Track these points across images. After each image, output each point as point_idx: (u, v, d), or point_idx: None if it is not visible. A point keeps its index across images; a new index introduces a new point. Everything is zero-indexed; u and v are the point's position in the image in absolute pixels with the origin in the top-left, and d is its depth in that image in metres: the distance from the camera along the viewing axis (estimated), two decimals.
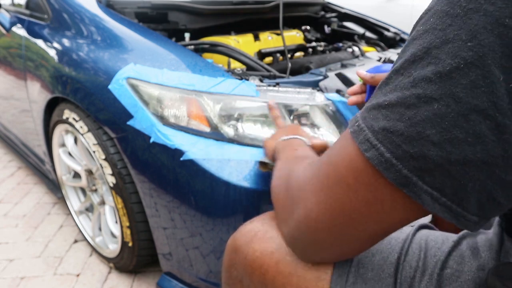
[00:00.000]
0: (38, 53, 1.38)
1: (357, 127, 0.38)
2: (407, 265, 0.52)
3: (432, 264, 0.51)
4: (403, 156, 0.34)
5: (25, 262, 1.42)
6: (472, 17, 0.30)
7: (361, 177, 0.38)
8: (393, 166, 0.34)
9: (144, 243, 1.17)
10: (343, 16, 2.09)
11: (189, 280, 1.08)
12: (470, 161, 0.32)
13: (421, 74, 0.33)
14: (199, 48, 1.34)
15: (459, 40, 0.31)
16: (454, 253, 0.51)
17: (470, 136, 0.31)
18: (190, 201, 0.95)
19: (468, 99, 0.31)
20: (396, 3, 3.90)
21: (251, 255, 0.58)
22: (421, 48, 0.34)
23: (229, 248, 0.64)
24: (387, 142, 0.35)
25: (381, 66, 0.82)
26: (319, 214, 0.43)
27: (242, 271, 0.60)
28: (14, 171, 2.11)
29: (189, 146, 0.94)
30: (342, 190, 0.40)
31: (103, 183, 1.28)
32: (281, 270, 0.55)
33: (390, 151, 0.34)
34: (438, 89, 0.32)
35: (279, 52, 1.56)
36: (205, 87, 0.99)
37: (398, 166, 0.34)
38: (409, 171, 0.34)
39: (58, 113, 1.31)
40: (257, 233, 0.60)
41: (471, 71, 0.30)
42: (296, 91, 1.06)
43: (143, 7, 1.48)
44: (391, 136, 0.34)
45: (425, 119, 0.32)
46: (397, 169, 0.34)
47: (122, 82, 1.03)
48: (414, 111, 0.33)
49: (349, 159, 0.39)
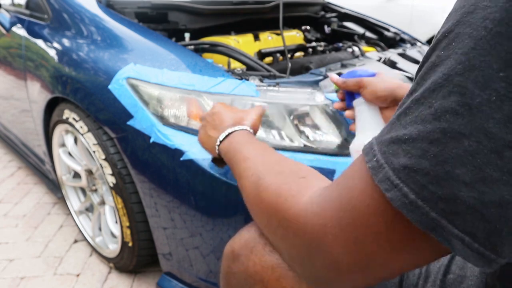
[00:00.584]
0: (38, 53, 1.38)
1: (376, 163, 0.34)
2: (411, 273, 0.52)
3: (435, 270, 0.51)
4: (430, 198, 0.30)
5: (25, 262, 1.42)
6: (502, 43, 0.27)
7: (383, 218, 0.34)
8: (419, 208, 0.31)
9: (144, 243, 1.17)
10: (343, 16, 2.09)
11: (189, 280, 1.08)
12: (506, 202, 0.28)
13: (444, 105, 0.30)
14: (199, 48, 1.34)
15: (488, 68, 0.28)
16: (456, 258, 0.52)
17: (505, 174, 0.28)
18: (190, 201, 0.95)
19: (502, 135, 0.27)
20: (396, 3, 3.91)
21: (251, 267, 0.57)
22: (441, 75, 0.30)
23: (227, 255, 0.62)
24: (411, 182, 0.31)
25: (356, 71, 0.79)
26: (349, 264, 0.38)
27: (243, 282, 0.58)
28: (14, 171, 2.11)
29: (189, 146, 0.94)
30: (367, 234, 0.36)
31: (103, 183, 1.28)
32: (283, 285, 0.54)
33: (414, 192, 0.31)
34: (468, 123, 0.28)
35: (279, 52, 1.56)
36: (205, 87, 0.99)
37: (425, 209, 0.31)
38: (438, 214, 0.30)
39: (58, 113, 1.31)
40: (256, 245, 0.57)
41: (504, 104, 0.27)
42: (296, 91, 1.06)
43: (143, 7, 1.48)
44: (414, 175, 0.31)
45: (454, 156, 0.29)
46: (424, 211, 0.31)
47: (122, 82, 1.03)
48: (440, 148, 0.30)
49: (369, 199, 0.35)
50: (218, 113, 0.70)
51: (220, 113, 0.70)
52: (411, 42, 1.83)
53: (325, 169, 0.94)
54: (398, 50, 1.58)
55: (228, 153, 0.62)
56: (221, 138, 0.65)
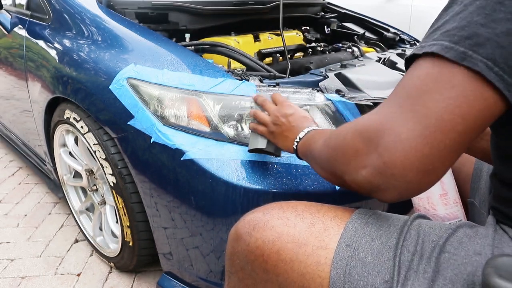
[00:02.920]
0: (39, 53, 1.38)
1: (421, 48, 0.48)
2: (406, 249, 0.54)
3: (430, 249, 0.53)
4: (458, 40, 0.44)
5: (26, 261, 1.43)
6: None
7: (432, 74, 0.46)
8: (451, 48, 0.44)
9: (145, 243, 1.17)
10: (343, 16, 2.09)
11: (190, 280, 1.09)
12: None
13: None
14: (200, 49, 1.34)
15: None
16: (451, 239, 0.54)
17: (508, 14, 0.43)
18: (191, 201, 0.96)
19: None
20: (396, 3, 3.91)
21: (253, 243, 0.61)
22: None
23: (231, 237, 0.66)
24: (445, 36, 0.46)
25: None
26: (412, 130, 0.45)
27: (244, 259, 0.63)
28: (15, 171, 2.11)
29: (190, 146, 0.94)
30: (425, 98, 0.45)
31: (104, 183, 1.29)
32: (283, 257, 0.58)
33: (447, 40, 0.45)
34: None
35: (279, 53, 1.56)
36: (205, 87, 1.00)
37: (455, 47, 0.44)
38: (465, 48, 0.44)
39: (59, 113, 1.31)
40: (258, 223, 0.62)
41: None
42: (296, 91, 1.06)
43: (143, 8, 1.48)
44: (447, 32, 0.46)
45: (471, 12, 0.45)
46: (455, 48, 0.44)
47: (123, 82, 1.04)
48: (463, 12, 0.45)
49: (418, 71, 0.48)
50: (293, 114, 0.81)
51: (294, 114, 0.81)
52: (410, 42, 1.83)
53: None
54: (398, 50, 1.59)
55: (304, 145, 0.72)
56: (301, 136, 0.75)
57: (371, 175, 0.48)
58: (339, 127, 0.58)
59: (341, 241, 0.57)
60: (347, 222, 0.59)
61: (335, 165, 0.55)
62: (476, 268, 0.49)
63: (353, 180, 0.51)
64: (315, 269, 0.56)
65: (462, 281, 0.49)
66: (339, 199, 0.94)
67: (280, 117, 0.81)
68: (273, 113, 0.83)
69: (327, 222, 0.60)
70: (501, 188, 0.55)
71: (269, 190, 0.91)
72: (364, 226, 0.58)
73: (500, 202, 0.55)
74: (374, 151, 0.48)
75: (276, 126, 0.81)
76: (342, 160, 0.53)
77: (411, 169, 0.45)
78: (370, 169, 0.48)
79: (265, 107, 0.87)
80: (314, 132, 0.72)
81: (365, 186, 0.50)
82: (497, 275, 0.43)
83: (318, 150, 0.62)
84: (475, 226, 0.56)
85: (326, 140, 0.59)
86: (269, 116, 0.84)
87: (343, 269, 0.55)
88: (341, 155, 0.53)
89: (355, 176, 0.51)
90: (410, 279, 0.51)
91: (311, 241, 0.58)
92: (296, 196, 0.91)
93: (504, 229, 0.53)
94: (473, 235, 0.53)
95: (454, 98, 0.44)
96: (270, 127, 0.83)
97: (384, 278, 0.52)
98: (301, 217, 0.61)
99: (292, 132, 0.77)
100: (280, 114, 0.81)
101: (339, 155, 0.54)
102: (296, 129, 0.77)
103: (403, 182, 0.46)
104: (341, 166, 0.53)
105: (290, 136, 0.77)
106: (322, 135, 0.64)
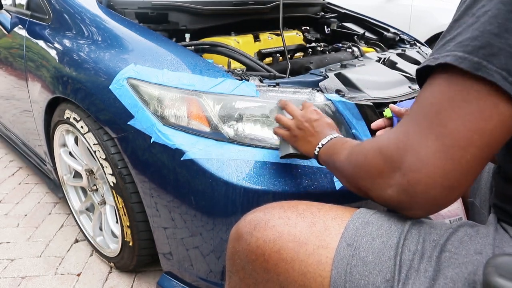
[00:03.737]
0: (39, 53, 1.39)
1: (434, 59, 0.48)
2: (406, 248, 0.54)
3: (431, 248, 0.53)
4: (472, 50, 0.45)
5: (26, 261, 1.43)
6: None
7: (447, 91, 0.46)
8: (465, 58, 0.45)
9: (145, 243, 1.17)
10: (343, 16, 2.09)
11: (190, 280, 1.09)
12: None
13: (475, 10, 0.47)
14: (199, 49, 1.35)
15: None
16: (452, 238, 0.54)
17: None
18: (191, 201, 0.96)
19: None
20: (396, 3, 3.91)
21: (253, 243, 0.61)
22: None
23: (232, 236, 0.67)
24: (459, 47, 0.46)
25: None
26: (431, 148, 0.47)
27: (245, 258, 0.63)
28: (15, 171, 2.11)
29: (190, 146, 0.94)
30: (441, 116, 0.46)
31: (104, 183, 1.29)
32: (283, 257, 0.59)
33: (461, 50, 0.46)
34: (488, 2, 0.45)
35: (279, 53, 1.56)
36: (205, 87, 1.00)
37: (469, 57, 0.45)
38: (479, 58, 0.44)
39: (59, 113, 1.31)
40: (259, 222, 0.63)
41: None
42: (296, 91, 1.06)
43: (143, 8, 1.48)
44: (460, 43, 0.46)
45: (484, 22, 0.45)
46: (469, 59, 0.45)
47: (123, 82, 1.04)
48: (476, 23, 0.46)
49: (432, 87, 0.48)
50: (318, 120, 0.82)
51: (319, 120, 0.82)
52: (410, 42, 1.83)
53: (325, 168, 0.95)
54: (398, 50, 1.58)
55: (326, 153, 0.74)
56: (324, 142, 0.76)
57: (397, 194, 0.51)
58: (360, 143, 0.61)
59: (342, 241, 0.57)
60: (348, 222, 0.59)
61: (360, 182, 0.58)
62: (477, 267, 0.49)
63: (379, 197, 0.55)
64: (316, 268, 0.57)
65: (463, 280, 0.49)
66: (339, 199, 0.94)
67: (304, 122, 0.83)
68: (298, 118, 0.84)
69: (328, 222, 0.60)
70: (504, 185, 0.55)
71: (269, 190, 0.91)
72: (365, 226, 0.58)
73: (502, 199, 0.56)
74: (397, 171, 0.50)
75: (300, 130, 0.83)
76: (367, 178, 0.56)
77: (434, 186, 0.47)
78: (396, 188, 0.51)
79: (290, 111, 0.88)
80: (336, 141, 0.73)
81: (392, 204, 0.53)
82: (498, 274, 0.43)
83: (341, 164, 0.65)
84: (476, 226, 0.56)
85: (349, 157, 0.62)
86: (292, 120, 0.85)
87: (344, 268, 0.55)
88: (364, 174, 0.56)
89: (381, 194, 0.54)
90: (411, 278, 0.51)
91: (312, 240, 0.58)
92: (296, 196, 0.91)
93: (505, 228, 0.53)
94: (474, 235, 0.53)
95: (470, 114, 0.45)
96: (294, 131, 0.84)
97: (385, 277, 0.53)
98: (302, 217, 0.62)
99: (315, 138, 0.79)
100: (305, 119, 0.83)
101: (362, 173, 0.57)
102: (319, 135, 0.79)
103: (428, 198, 0.49)
104: (366, 184, 0.56)
105: (313, 141, 0.79)
106: (344, 147, 0.67)
